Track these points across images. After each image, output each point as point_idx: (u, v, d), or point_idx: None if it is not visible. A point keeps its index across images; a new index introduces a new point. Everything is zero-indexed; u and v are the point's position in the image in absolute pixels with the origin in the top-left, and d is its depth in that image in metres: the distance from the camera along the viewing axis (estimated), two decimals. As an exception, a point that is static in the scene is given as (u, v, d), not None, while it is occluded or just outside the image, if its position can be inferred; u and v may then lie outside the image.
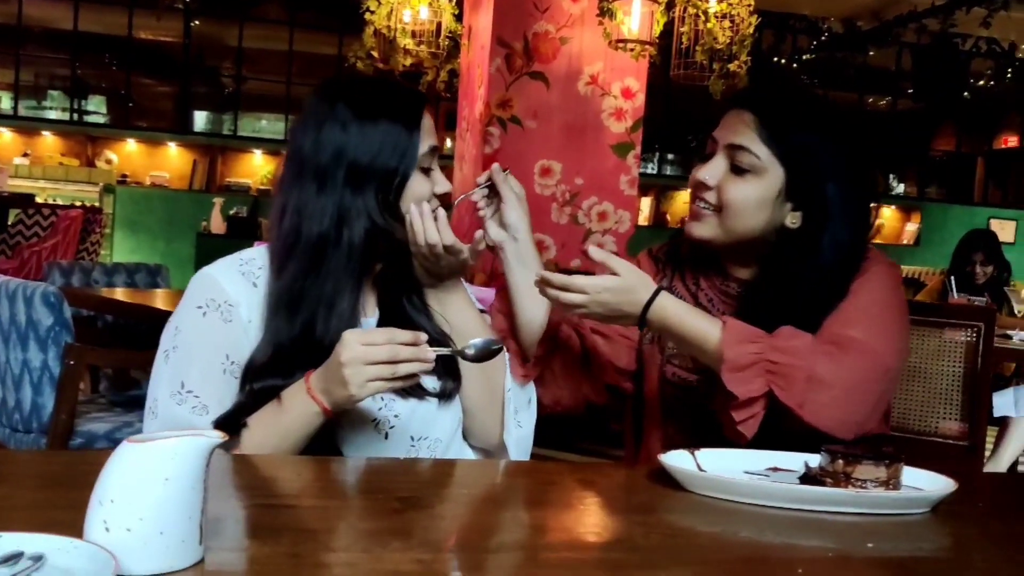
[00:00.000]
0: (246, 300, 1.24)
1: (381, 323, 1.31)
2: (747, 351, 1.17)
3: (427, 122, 1.29)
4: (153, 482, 0.67)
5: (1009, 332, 3.70)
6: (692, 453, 1.09)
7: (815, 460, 1.07)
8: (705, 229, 1.32)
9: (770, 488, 1.01)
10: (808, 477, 1.07)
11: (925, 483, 1.04)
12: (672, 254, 1.47)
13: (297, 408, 1.16)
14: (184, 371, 1.20)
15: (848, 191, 1.28)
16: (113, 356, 2.96)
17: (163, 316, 2.96)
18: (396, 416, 1.26)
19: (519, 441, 1.34)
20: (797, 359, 1.17)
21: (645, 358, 1.42)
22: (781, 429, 1.18)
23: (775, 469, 1.10)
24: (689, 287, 1.42)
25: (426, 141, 1.28)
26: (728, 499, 0.99)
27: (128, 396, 2.99)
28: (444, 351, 1.18)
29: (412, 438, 1.27)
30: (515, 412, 1.34)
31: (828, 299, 1.26)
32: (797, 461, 1.09)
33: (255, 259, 1.28)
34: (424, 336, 1.13)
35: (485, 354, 1.19)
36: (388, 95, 1.31)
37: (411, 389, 1.25)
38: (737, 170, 1.29)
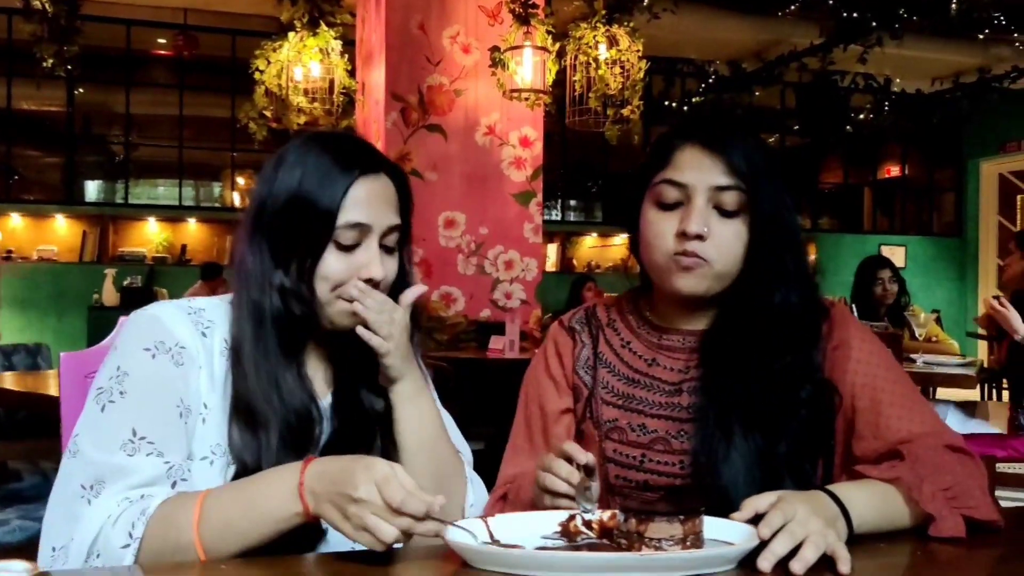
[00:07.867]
0: (196, 345, 1.12)
1: (334, 406, 1.19)
2: (937, 502, 1.06)
3: (362, 191, 1.12)
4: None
5: (913, 356, 3.80)
6: (485, 520, 0.99)
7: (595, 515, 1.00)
8: (702, 282, 1.22)
9: (553, 559, 0.91)
10: (564, 534, 1.00)
11: (735, 535, 0.96)
12: (588, 321, 1.38)
13: (277, 495, 1.00)
14: (135, 417, 1.06)
15: (792, 212, 1.26)
16: (-13, 448, 2.73)
17: (48, 401, 2.80)
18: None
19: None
20: (966, 478, 1.10)
21: (584, 436, 1.31)
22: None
23: None
24: (618, 352, 1.33)
25: (352, 212, 1.12)
26: (513, 572, 0.88)
27: (7, 490, 2.76)
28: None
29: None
30: (470, 506, 1.23)
31: (797, 324, 1.22)
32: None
33: (205, 310, 1.15)
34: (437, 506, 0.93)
35: None
36: (327, 147, 1.14)
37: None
38: (725, 213, 1.21)
